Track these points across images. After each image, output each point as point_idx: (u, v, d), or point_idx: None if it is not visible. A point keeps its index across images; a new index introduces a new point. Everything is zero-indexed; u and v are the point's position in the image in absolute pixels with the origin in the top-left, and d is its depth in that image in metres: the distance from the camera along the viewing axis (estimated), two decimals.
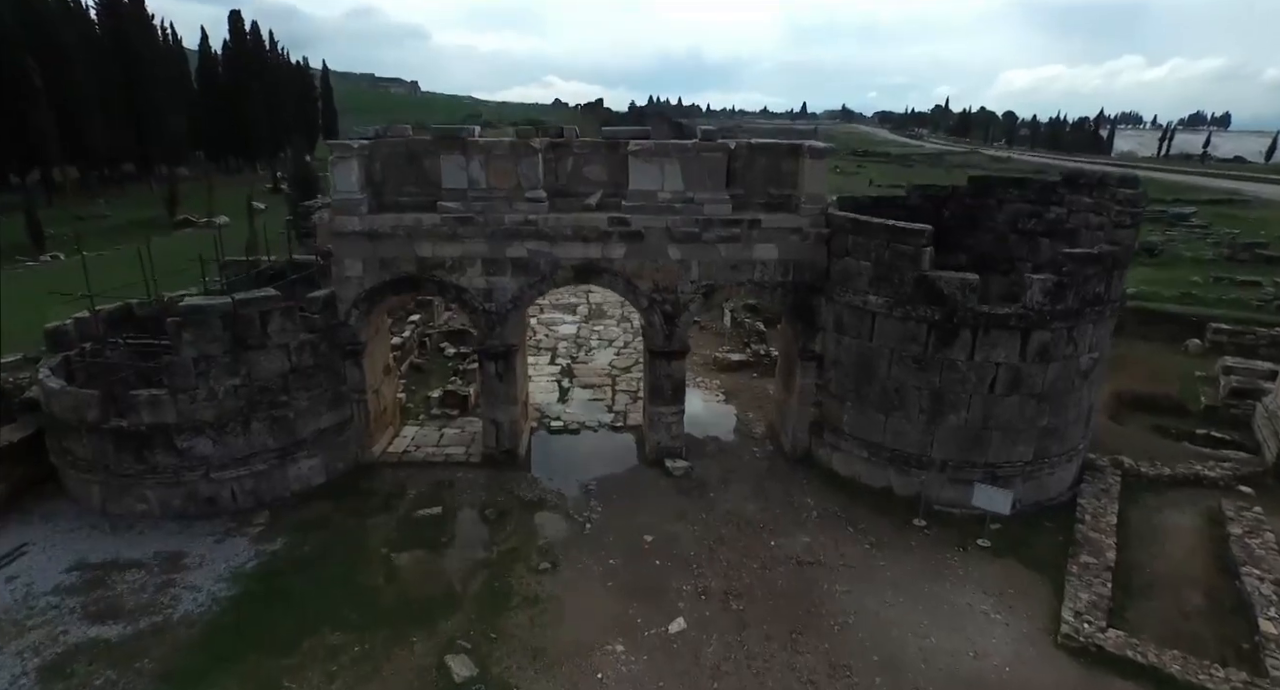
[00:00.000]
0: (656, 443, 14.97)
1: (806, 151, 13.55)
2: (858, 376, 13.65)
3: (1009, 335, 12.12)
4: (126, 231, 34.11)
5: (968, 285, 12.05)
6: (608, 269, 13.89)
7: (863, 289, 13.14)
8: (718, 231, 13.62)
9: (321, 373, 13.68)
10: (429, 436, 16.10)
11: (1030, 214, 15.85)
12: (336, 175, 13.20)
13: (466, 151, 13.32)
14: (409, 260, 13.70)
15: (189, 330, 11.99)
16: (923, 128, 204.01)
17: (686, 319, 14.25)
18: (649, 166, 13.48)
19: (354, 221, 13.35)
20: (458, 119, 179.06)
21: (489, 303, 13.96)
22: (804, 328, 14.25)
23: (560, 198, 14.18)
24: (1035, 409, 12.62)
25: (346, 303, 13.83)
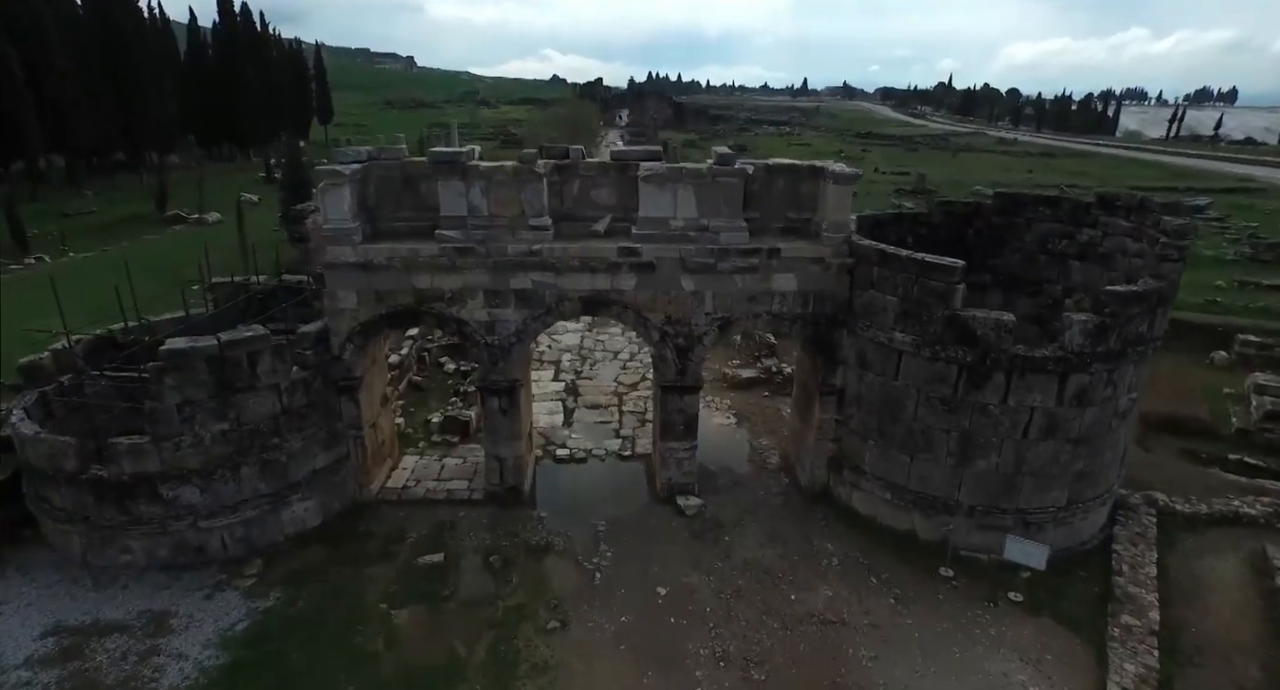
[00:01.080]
0: (668, 479, 14.29)
1: (829, 176, 12.71)
2: (881, 415, 12.93)
3: (1046, 379, 11.37)
4: (115, 229, 33.19)
5: (1003, 326, 11.28)
6: (617, 301, 13.10)
7: (888, 325, 12.37)
8: (734, 262, 12.81)
9: (315, 411, 12.95)
10: (429, 468, 15.41)
11: (1061, 235, 15.05)
12: (327, 204, 12.35)
13: (466, 177, 12.46)
14: (406, 292, 12.90)
15: (172, 375, 11.22)
16: (926, 105, 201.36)
17: (700, 353, 13.49)
18: (661, 193, 12.64)
19: (347, 252, 12.53)
20: (455, 95, 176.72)
21: (491, 336, 13.19)
22: (824, 361, 13.49)
23: (566, 223, 13.37)
24: (1070, 454, 11.92)
25: (340, 336, 13.05)
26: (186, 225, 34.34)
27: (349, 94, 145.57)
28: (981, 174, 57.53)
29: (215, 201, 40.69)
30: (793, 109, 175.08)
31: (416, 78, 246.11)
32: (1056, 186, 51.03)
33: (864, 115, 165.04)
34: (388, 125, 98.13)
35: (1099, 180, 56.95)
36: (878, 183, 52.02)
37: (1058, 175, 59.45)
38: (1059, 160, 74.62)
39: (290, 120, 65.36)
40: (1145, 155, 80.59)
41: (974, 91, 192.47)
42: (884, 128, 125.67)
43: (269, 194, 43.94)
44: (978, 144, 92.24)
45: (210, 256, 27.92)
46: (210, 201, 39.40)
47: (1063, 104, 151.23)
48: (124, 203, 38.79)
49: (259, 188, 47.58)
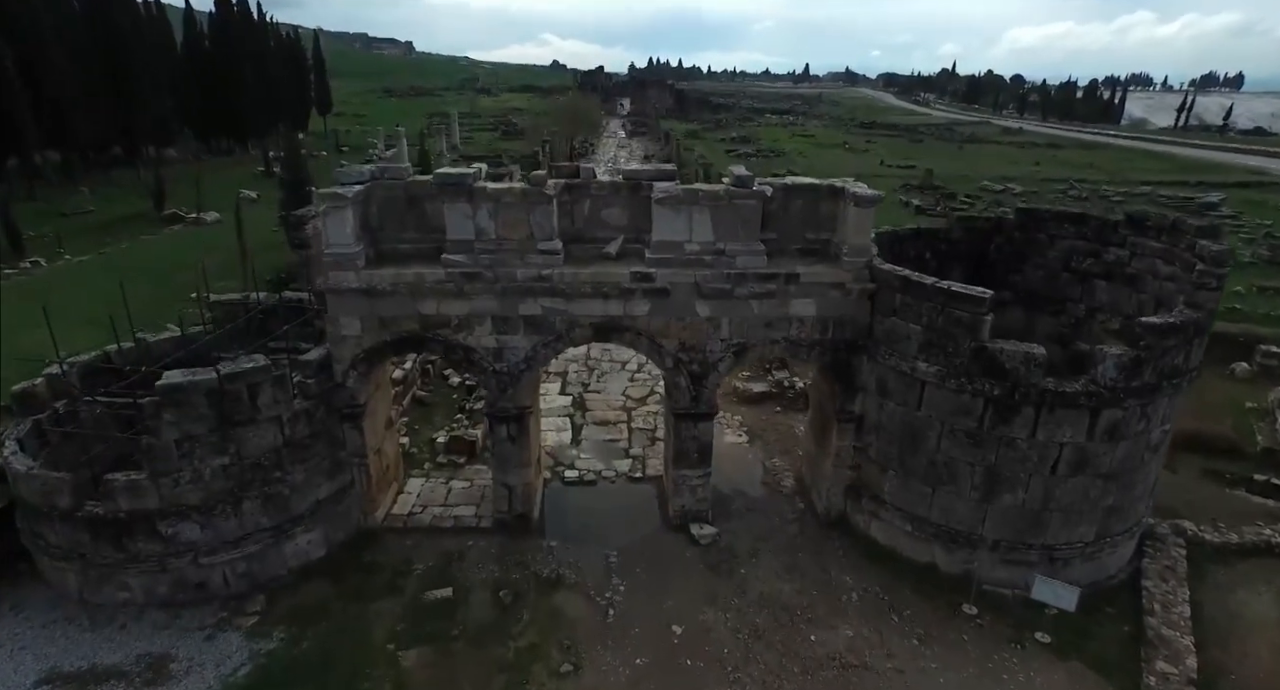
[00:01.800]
0: (681, 506, 13.91)
1: (850, 198, 12.22)
2: (902, 445, 12.53)
3: (1077, 414, 10.95)
4: (112, 229, 32.62)
5: (1033, 360, 10.84)
6: (630, 327, 12.66)
7: (911, 354, 11.94)
8: (751, 287, 12.35)
9: (318, 441, 12.55)
10: (435, 492, 15.03)
11: (1086, 253, 14.58)
12: (329, 227, 11.87)
13: (473, 200, 11.98)
14: (411, 318, 12.45)
15: (169, 410, 10.80)
16: (929, 92, 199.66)
17: (715, 379, 13.07)
18: (675, 215, 12.16)
19: (350, 277, 12.07)
20: (455, 82, 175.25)
21: (499, 363, 12.76)
22: (843, 388, 13.07)
23: (577, 244, 12.91)
24: (1100, 489, 11.52)
25: (344, 363, 12.62)
26: (184, 225, 33.77)
27: (348, 81, 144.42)
28: (989, 167, 56.81)
29: (214, 199, 40.02)
30: (795, 96, 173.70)
31: (415, 63, 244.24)
32: (1065, 181, 50.48)
33: (867, 103, 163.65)
34: (387, 114, 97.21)
35: (1107, 174, 56.32)
36: (884, 177, 51.29)
37: (1065, 168, 58.76)
38: (1066, 151, 73.77)
39: (289, 111, 64.52)
40: (1153, 146, 79.68)
41: (978, 78, 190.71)
42: (887, 116, 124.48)
43: (268, 190, 43.32)
44: (983, 134, 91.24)
45: (208, 258, 27.53)
46: (208, 200, 38.74)
47: (1068, 91, 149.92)
48: (121, 200, 38.16)
49: (258, 183, 46.95)
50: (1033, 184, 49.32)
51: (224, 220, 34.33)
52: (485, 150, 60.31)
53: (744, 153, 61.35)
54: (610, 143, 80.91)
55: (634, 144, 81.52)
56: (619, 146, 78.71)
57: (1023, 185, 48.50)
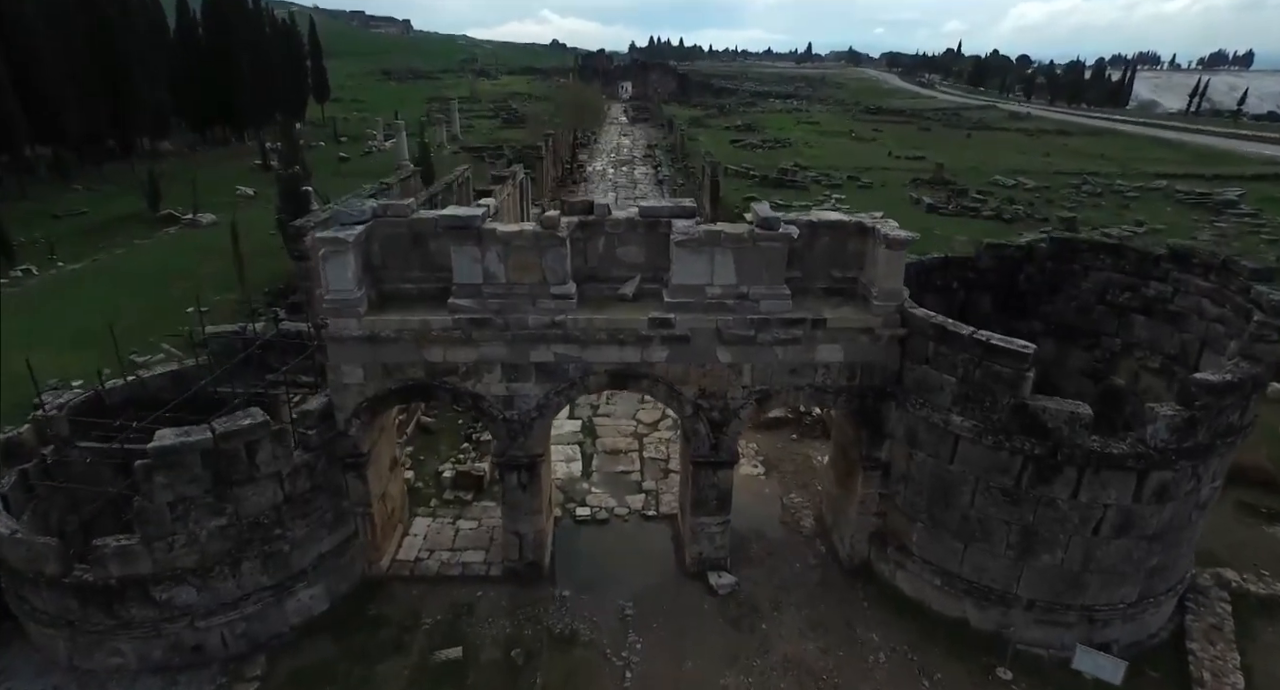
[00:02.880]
0: (699, 553, 13.36)
1: (881, 239, 11.50)
2: (932, 498, 11.94)
3: (1123, 475, 10.33)
4: (106, 232, 31.82)
5: (1078, 420, 10.21)
6: (647, 374, 12.02)
7: (944, 406, 11.30)
8: (776, 333, 11.69)
9: (321, 493, 11.96)
10: (443, 534, 14.47)
11: (1124, 286, 13.90)
12: (328, 272, 11.17)
13: (481, 242, 11.28)
14: (417, 366, 11.80)
15: (162, 473, 10.19)
16: (934, 73, 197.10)
17: (737, 427, 12.45)
18: (696, 258, 11.46)
19: (351, 325, 11.39)
20: (454, 63, 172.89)
21: (510, 411, 12.13)
22: (869, 435, 12.46)
23: (590, 283, 12.24)
24: (1145, 550, 10.95)
25: (346, 412, 11.99)
26: (180, 227, 32.93)
27: (345, 61, 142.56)
28: (999, 159, 55.77)
29: (210, 197, 39.14)
30: (798, 78, 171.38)
31: (413, 43, 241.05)
32: (1078, 174, 49.50)
33: (871, 85, 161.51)
34: (386, 99, 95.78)
35: (1119, 165, 55.35)
36: (893, 170, 50.39)
37: (1076, 159, 57.74)
38: (1075, 139, 72.65)
39: (286, 100, 63.30)
40: (1164, 133, 78.41)
41: (984, 59, 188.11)
42: (892, 99, 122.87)
43: (265, 186, 42.41)
44: (991, 120, 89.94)
45: (205, 266, 26.86)
46: (204, 198, 37.85)
47: (1075, 73, 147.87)
48: (115, 198, 37.26)
49: (255, 178, 45.97)
50: (1044, 178, 48.38)
51: (220, 222, 33.51)
52: (486, 140, 59.29)
53: (750, 143, 60.31)
54: (612, 130, 79.74)
55: (636, 131, 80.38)
56: (621, 134, 77.58)
57: (1034, 179, 47.56)
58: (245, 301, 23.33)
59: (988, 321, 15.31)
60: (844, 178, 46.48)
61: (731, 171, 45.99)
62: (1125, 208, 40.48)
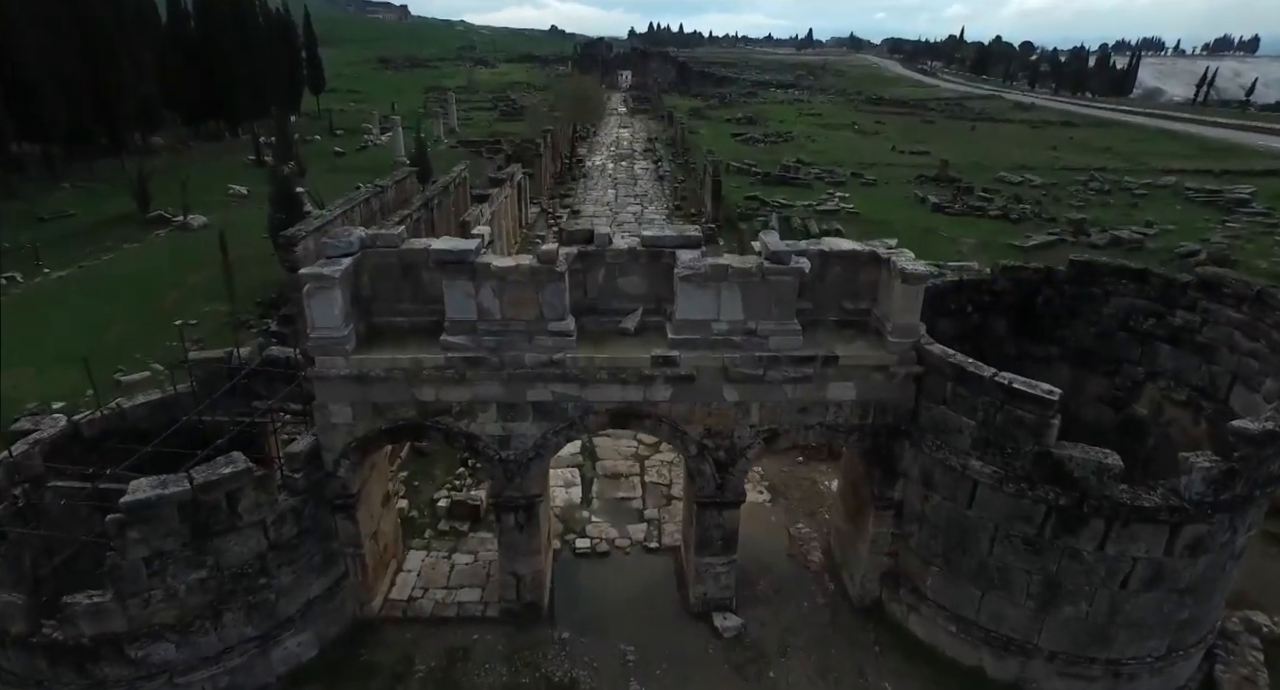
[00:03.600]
0: (703, 594, 12.84)
1: (897, 272, 10.88)
2: (948, 542, 11.41)
3: (1154, 528, 9.79)
4: (95, 235, 31.17)
5: (1106, 471, 9.65)
6: (650, 413, 11.44)
7: (963, 449, 10.74)
8: (785, 371, 11.11)
9: (308, 538, 11.42)
10: (438, 569, 13.95)
11: (1148, 313, 13.30)
12: (314, 309, 10.57)
13: (475, 277, 10.67)
14: (408, 405, 11.22)
15: (136, 528, 9.63)
16: (936, 61, 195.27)
17: (743, 466, 11.90)
18: (702, 292, 10.86)
19: (339, 363, 10.80)
20: (452, 50, 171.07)
21: (506, 451, 11.57)
22: (882, 474, 11.91)
23: (590, 316, 11.65)
24: (1176, 603, 10.42)
25: (334, 452, 11.42)
26: (170, 229, 32.24)
27: (342, 49, 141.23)
28: (1004, 154, 54.99)
29: (202, 195, 38.49)
30: (799, 65, 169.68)
31: (411, 29, 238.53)
32: (1085, 170, 48.75)
33: (872, 72, 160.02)
34: (383, 89, 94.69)
35: (1126, 159, 54.63)
36: (897, 166, 49.68)
37: (1083, 153, 56.99)
38: (1081, 131, 71.81)
39: (280, 92, 62.33)
40: (1171, 124, 77.47)
41: (987, 47, 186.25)
42: (894, 88, 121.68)
43: (259, 182, 41.69)
44: (994, 111, 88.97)
45: (195, 275, 26.23)
46: (196, 196, 37.19)
47: (1080, 60, 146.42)
48: (105, 198, 36.55)
49: (249, 175, 45.29)
50: (1051, 174, 47.67)
51: (211, 224, 32.90)
52: (484, 134, 58.49)
53: (752, 137, 59.48)
54: (612, 122, 78.71)
55: (636, 123, 79.34)
56: (621, 126, 76.57)
57: (1041, 175, 46.87)
58: (235, 313, 22.78)
59: (1003, 345, 14.86)
60: (847, 175, 45.75)
61: (733, 168, 45.29)
62: (1134, 206, 39.83)
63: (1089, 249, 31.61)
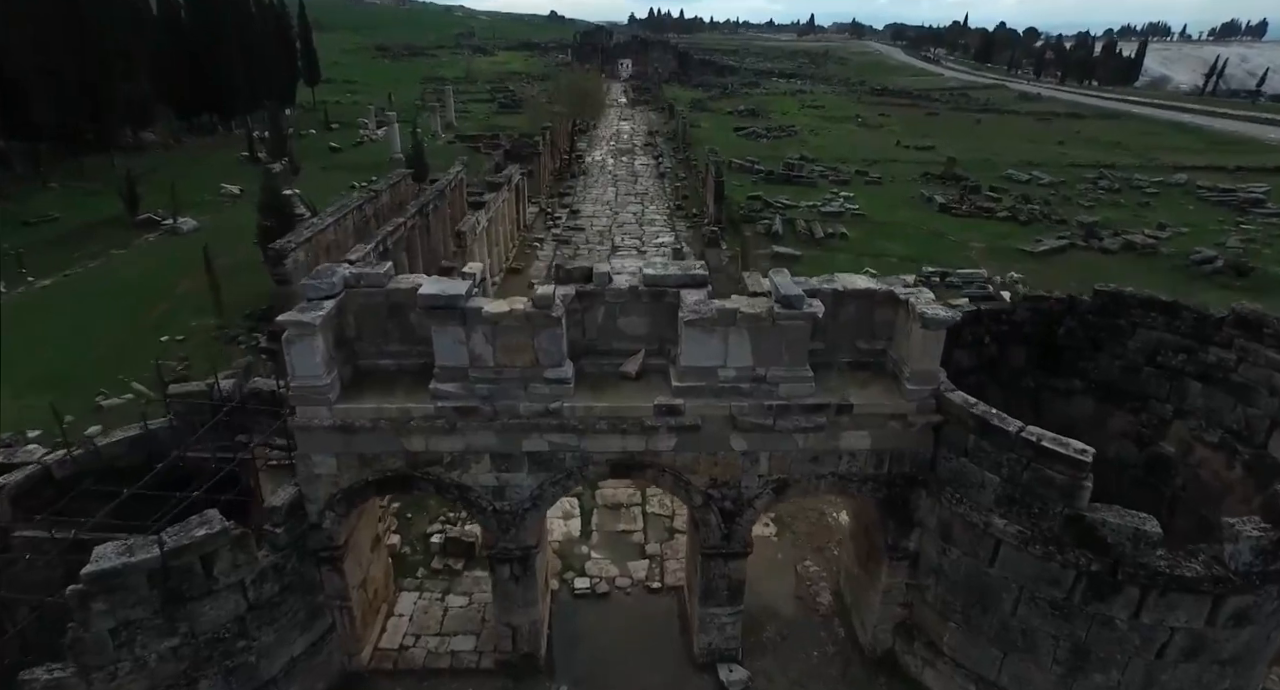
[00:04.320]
0: (708, 644, 12.25)
1: (916, 316, 10.19)
2: (967, 599, 10.78)
3: (1195, 599, 9.15)
4: (82, 239, 30.38)
5: (1143, 538, 9.00)
6: (653, 464, 10.79)
7: (985, 506, 10.09)
8: (796, 420, 10.44)
9: (291, 593, 10.78)
10: (431, 613, 13.35)
11: (1178, 348, 12.60)
12: (295, 357, 9.90)
13: (466, 323, 9.98)
14: (396, 455, 10.57)
15: (100, 599, 8.99)
16: (940, 48, 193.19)
17: (751, 516, 11.26)
18: (709, 338, 10.17)
19: (322, 413, 10.14)
20: (450, 37, 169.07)
21: (500, 502, 10.93)
22: (896, 524, 11.28)
23: (589, 357, 10.98)
24: (1216, 674, 9.81)
25: (318, 504, 10.79)
26: (159, 234, 31.43)
27: (338, 36, 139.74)
28: (1010, 149, 54.02)
29: (194, 193, 37.71)
30: (801, 53, 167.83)
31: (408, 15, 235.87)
32: (1094, 167, 47.84)
33: (875, 60, 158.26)
34: (380, 79, 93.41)
35: (1135, 154, 53.74)
36: (902, 163, 48.78)
37: (1090, 148, 56.03)
38: (1087, 123, 70.75)
39: (275, 84, 61.20)
40: (1179, 115, 76.29)
41: (991, 34, 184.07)
42: (898, 77, 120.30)
43: (252, 180, 40.81)
44: (999, 102, 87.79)
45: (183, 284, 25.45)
46: (188, 195, 36.41)
47: (1085, 47, 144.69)
48: (92, 199, 35.63)
49: (242, 172, 44.36)
50: (1059, 171, 46.78)
51: (202, 227, 32.15)
52: (482, 127, 57.56)
53: (754, 132, 58.49)
54: (612, 114, 77.55)
55: (636, 115, 78.22)
56: (621, 118, 75.45)
57: (1049, 173, 45.99)
58: (223, 328, 22.09)
59: (1021, 377, 14.20)
60: (852, 172, 44.88)
61: (736, 166, 44.42)
62: (1145, 206, 39.01)
63: (1100, 253, 30.92)
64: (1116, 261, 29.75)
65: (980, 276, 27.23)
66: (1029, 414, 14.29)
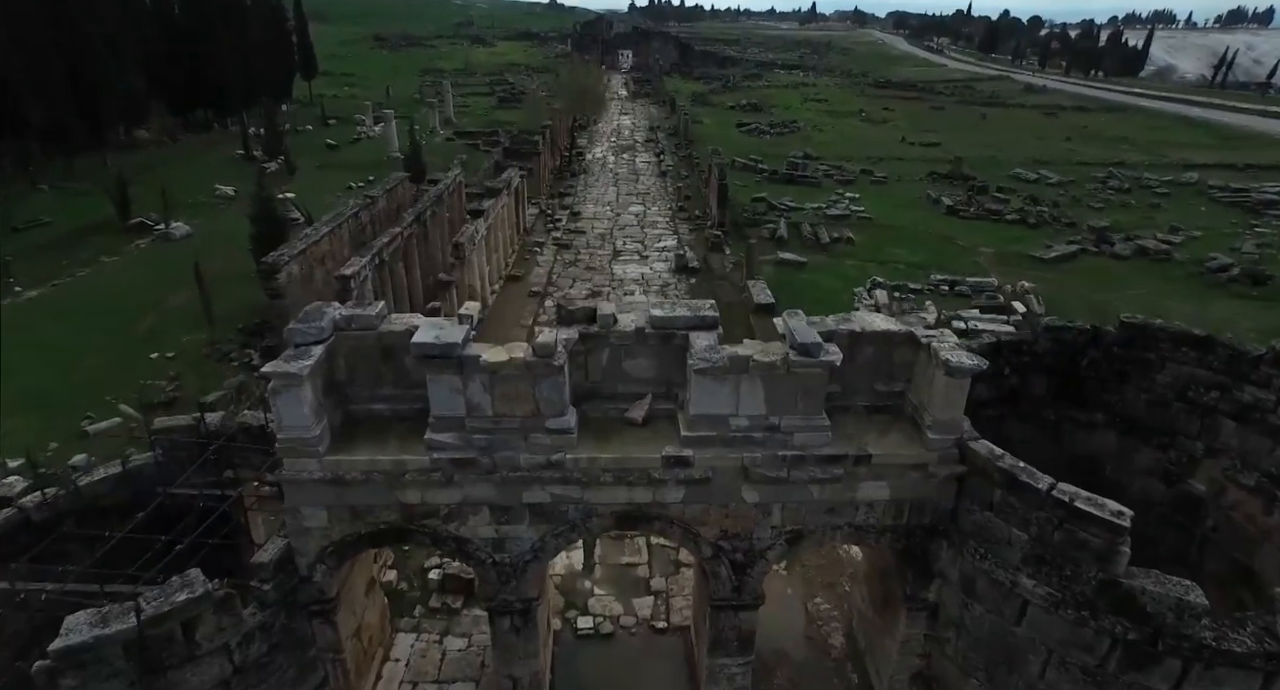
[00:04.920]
0: None
1: (939, 364, 9.61)
2: (991, 657, 10.26)
3: (1245, 675, 8.60)
4: (72, 245, 29.73)
5: (1187, 609, 8.44)
6: (660, 516, 10.25)
7: (1011, 563, 9.55)
8: (812, 471, 9.90)
9: (280, 652, 10.26)
10: (429, 657, 12.87)
11: (1211, 385, 12.03)
12: (281, 407, 9.33)
13: (463, 371, 9.40)
14: (390, 508, 10.03)
15: (71, 675, 8.46)
16: (943, 37, 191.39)
17: (763, 568, 10.73)
18: (720, 386, 9.60)
19: (310, 466, 9.59)
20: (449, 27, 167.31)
21: (500, 554, 10.40)
22: (915, 574, 10.75)
23: (592, 401, 10.44)
24: None
25: (309, 556, 10.25)
26: (151, 240, 30.76)
27: (336, 25, 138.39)
28: (1017, 146, 53.25)
29: (188, 194, 37.01)
30: (803, 43, 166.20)
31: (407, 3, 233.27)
32: (1103, 166, 47.08)
33: (878, 50, 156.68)
34: (378, 71, 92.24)
35: (1144, 151, 53.01)
36: (907, 160, 48.03)
37: (1098, 145, 55.28)
38: (1095, 117, 69.89)
39: (271, 78, 60.29)
40: (1189, 109, 75.23)
41: (994, 22, 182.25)
42: (901, 67, 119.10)
43: (247, 180, 40.08)
44: (1004, 94, 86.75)
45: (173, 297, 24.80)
46: (182, 195, 35.73)
47: (1091, 37, 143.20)
48: (84, 201, 34.82)
49: (237, 170, 43.61)
50: (1067, 169, 46.05)
51: (195, 232, 31.50)
52: (482, 123, 56.72)
53: (757, 128, 57.67)
54: (613, 108, 76.58)
55: (637, 109, 77.28)
56: (621, 112, 74.49)
57: (1057, 171, 45.26)
58: (214, 343, 21.53)
59: (1042, 408, 13.64)
60: (857, 171, 44.16)
61: (739, 165, 43.70)
62: (1156, 208, 38.32)
63: (1112, 259, 30.30)
64: (1129, 268, 29.12)
65: (990, 285, 26.61)
66: (1049, 446, 13.88)
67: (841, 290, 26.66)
